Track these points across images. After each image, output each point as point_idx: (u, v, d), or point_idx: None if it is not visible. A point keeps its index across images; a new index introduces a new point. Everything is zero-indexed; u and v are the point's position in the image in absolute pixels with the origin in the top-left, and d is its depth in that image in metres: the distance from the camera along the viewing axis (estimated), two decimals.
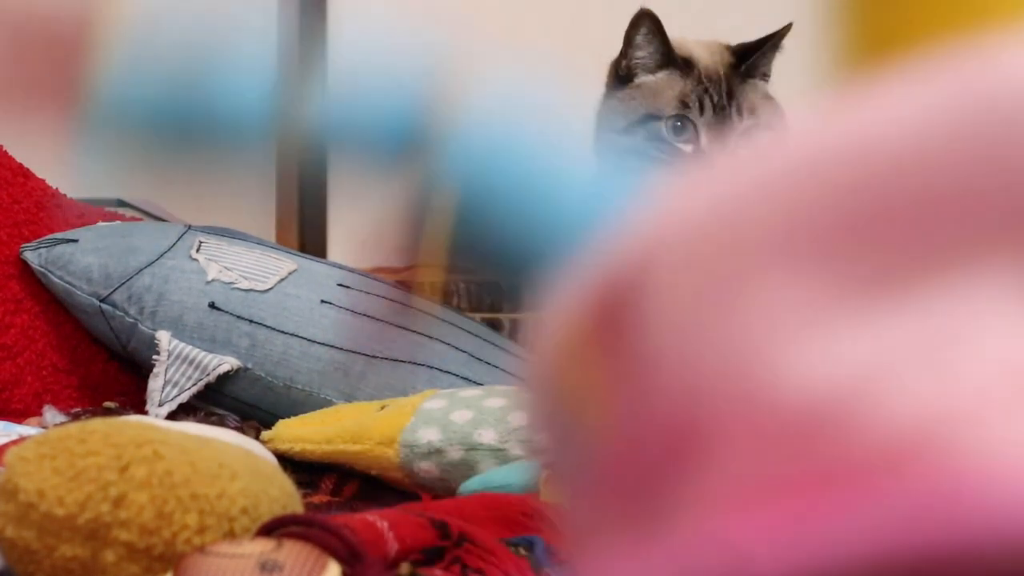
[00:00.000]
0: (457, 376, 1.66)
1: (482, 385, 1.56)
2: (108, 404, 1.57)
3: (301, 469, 1.40)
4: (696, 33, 1.70)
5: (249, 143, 0.51)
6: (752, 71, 1.58)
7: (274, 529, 0.90)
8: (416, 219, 0.50)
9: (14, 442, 1.18)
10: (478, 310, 2.24)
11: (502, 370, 1.66)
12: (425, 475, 1.38)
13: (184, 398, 1.57)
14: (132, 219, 1.93)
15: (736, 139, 1.54)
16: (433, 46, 0.53)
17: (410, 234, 0.51)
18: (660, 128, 1.69)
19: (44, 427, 1.43)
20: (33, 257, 1.70)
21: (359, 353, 1.62)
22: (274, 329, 1.62)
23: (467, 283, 2.27)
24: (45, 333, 1.70)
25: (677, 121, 1.65)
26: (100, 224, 1.80)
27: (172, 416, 1.53)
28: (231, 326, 1.61)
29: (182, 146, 0.52)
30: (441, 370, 1.65)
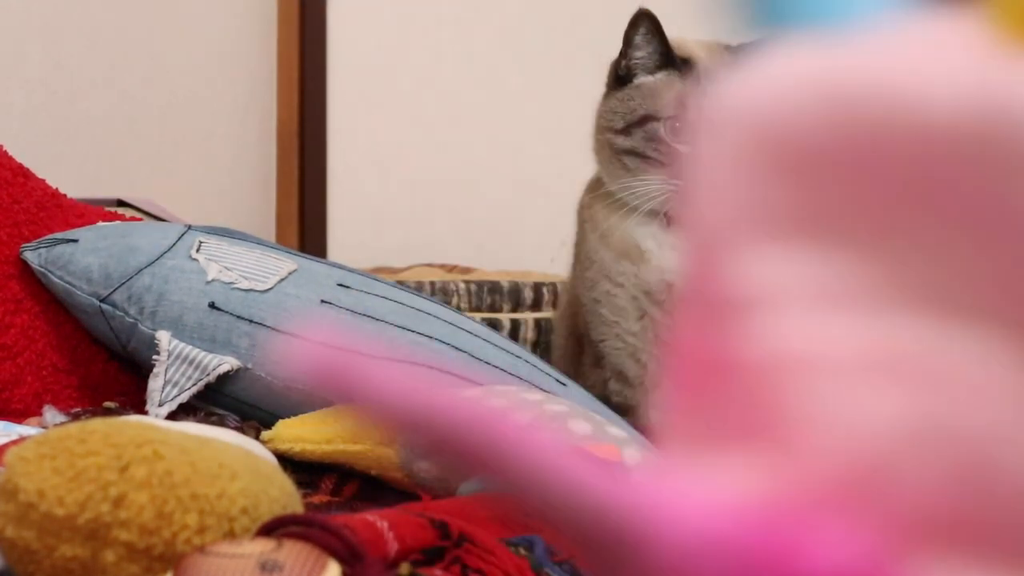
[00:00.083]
0: (457, 376, 1.65)
1: (482, 386, 1.56)
2: (108, 404, 1.57)
3: (301, 469, 1.40)
4: (696, 33, 1.70)
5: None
6: None
7: (274, 529, 0.90)
8: None
9: (14, 442, 1.18)
10: (478, 310, 2.24)
11: (502, 370, 1.66)
12: (425, 475, 1.38)
13: (184, 398, 1.57)
14: (132, 219, 1.93)
15: None
16: None
17: None
18: (658, 129, 1.69)
19: (44, 427, 1.42)
20: (33, 257, 1.70)
21: (359, 353, 1.62)
22: (274, 329, 1.62)
23: (467, 283, 2.27)
24: (45, 333, 1.70)
25: (676, 122, 1.66)
26: (100, 224, 1.80)
27: (172, 416, 1.53)
28: (231, 326, 1.61)
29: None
30: (441, 370, 1.65)
